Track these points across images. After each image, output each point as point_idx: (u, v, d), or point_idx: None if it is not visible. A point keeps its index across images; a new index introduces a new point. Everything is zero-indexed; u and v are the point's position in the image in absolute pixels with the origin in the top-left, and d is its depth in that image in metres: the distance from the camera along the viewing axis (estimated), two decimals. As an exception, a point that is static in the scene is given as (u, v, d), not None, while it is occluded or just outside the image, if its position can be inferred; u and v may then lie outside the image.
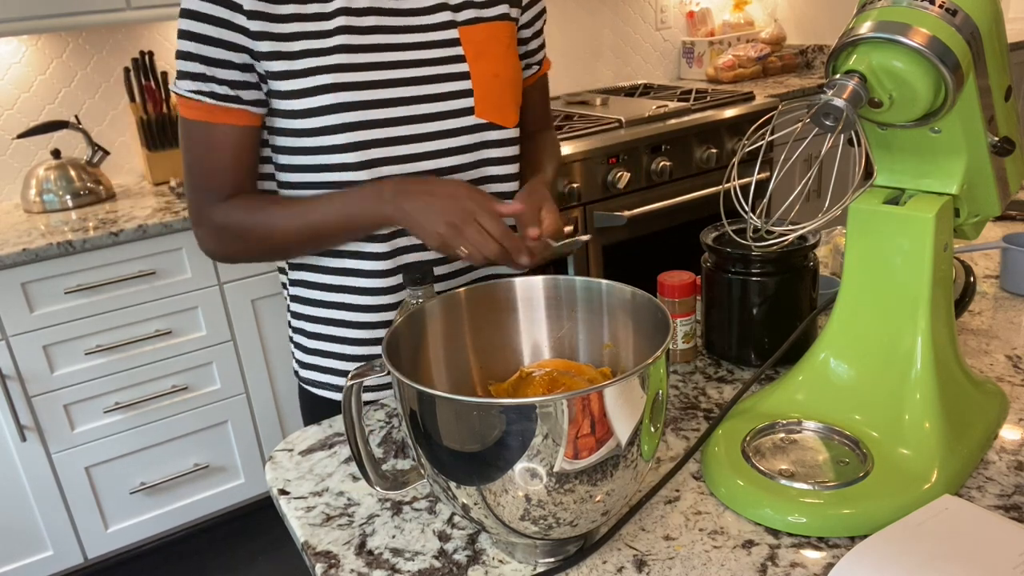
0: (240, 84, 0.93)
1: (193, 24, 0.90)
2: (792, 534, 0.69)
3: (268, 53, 0.92)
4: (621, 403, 0.59)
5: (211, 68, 0.91)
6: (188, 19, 0.91)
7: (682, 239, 2.59)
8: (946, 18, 0.66)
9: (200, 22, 0.90)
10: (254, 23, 0.90)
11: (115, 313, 1.95)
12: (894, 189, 0.80)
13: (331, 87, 0.92)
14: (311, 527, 0.76)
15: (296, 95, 0.93)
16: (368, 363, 0.67)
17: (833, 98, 0.67)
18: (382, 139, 0.96)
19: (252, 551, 2.23)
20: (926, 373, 0.75)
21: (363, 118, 0.94)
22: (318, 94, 0.92)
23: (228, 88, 0.93)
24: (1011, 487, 0.73)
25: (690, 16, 3.33)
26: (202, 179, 0.97)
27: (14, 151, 2.29)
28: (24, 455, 1.93)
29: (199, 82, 0.92)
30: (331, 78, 0.92)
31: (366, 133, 0.95)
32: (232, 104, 0.93)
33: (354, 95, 0.93)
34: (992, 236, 1.29)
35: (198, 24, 0.90)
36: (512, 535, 0.64)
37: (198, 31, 0.90)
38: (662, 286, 0.98)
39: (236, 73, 0.92)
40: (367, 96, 0.94)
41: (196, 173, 0.97)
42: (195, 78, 0.92)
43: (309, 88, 0.92)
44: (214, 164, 0.96)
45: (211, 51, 0.91)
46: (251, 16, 0.90)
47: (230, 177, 0.97)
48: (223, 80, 0.92)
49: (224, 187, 0.97)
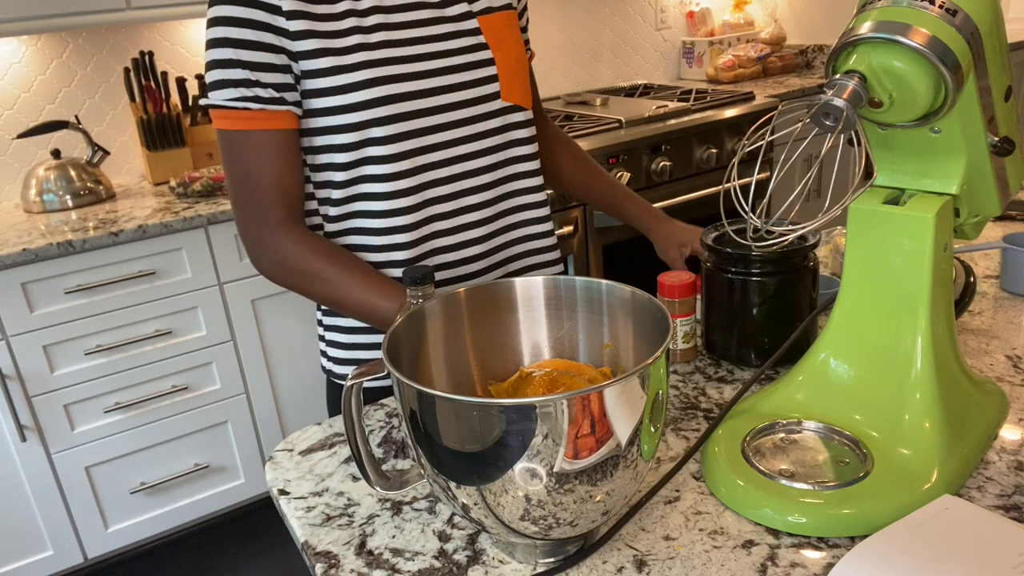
0: (283, 86, 0.93)
1: (230, 31, 0.89)
2: (792, 534, 0.69)
3: (312, 51, 0.92)
4: (621, 403, 0.59)
5: (255, 73, 0.91)
6: (223, 26, 0.90)
7: (682, 239, 2.59)
8: (946, 18, 0.66)
9: (239, 27, 0.89)
10: (294, 23, 0.90)
11: (115, 313, 1.95)
12: (894, 189, 0.80)
13: (373, 81, 0.94)
14: (311, 527, 0.76)
15: (340, 90, 0.94)
16: (368, 363, 0.67)
17: (833, 98, 0.67)
18: (419, 129, 0.98)
19: (252, 551, 2.23)
20: (926, 373, 0.75)
21: (401, 110, 0.96)
22: (361, 88, 0.94)
23: (273, 91, 0.92)
24: (1011, 487, 0.73)
25: (690, 16, 3.32)
26: (253, 193, 0.95)
27: (14, 151, 2.29)
28: (24, 455, 1.93)
29: (242, 88, 0.91)
30: (373, 72, 0.94)
31: (404, 125, 0.97)
32: (278, 107, 0.93)
33: (394, 87, 0.95)
34: (992, 236, 1.29)
35: (236, 30, 0.89)
36: (512, 535, 0.64)
37: (238, 36, 0.89)
38: (662, 286, 0.98)
39: (279, 75, 0.92)
40: (405, 88, 0.96)
41: (246, 187, 0.95)
42: (237, 85, 0.91)
43: (353, 83, 0.94)
44: (263, 174, 0.94)
45: (253, 55, 0.90)
46: (291, 16, 0.90)
47: (280, 188, 0.95)
48: (268, 84, 0.92)
49: (276, 199, 0.96)
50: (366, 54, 0.94)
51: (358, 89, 0.94)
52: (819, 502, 0.69)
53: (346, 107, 0.95)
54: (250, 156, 0.94)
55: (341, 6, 0.94)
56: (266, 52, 0.91)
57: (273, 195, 0.95)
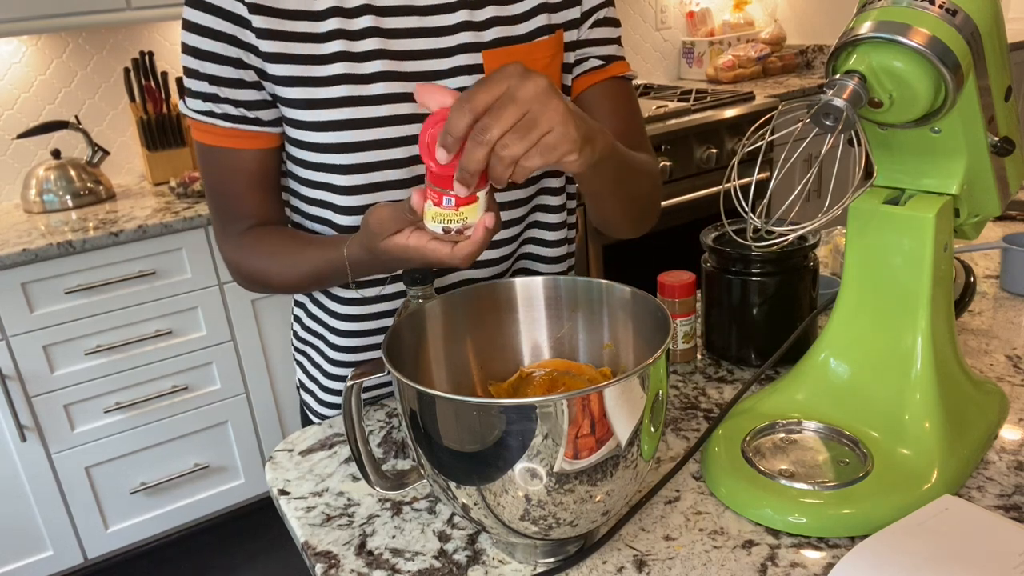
0: (256, 104, 0.84)
1: (195, 39, 0.81)
2: (792, 534, 0.69)
3: (284, 78, 0.82)
4: (621, 403, 0.59)
5: (222, 88, 0.82)
6: (189, 32, 0.81)
7: (682, 239, 2.59)
8: (946, 18, 0.66)
9: (202, 36, 0.80)
10: (266, 43, 0.81)
11: (115, 313, 1.95)
12: (894, 189, 0.80)
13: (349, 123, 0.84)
14: (311, 527, 0.76)
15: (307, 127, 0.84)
16: (368, 363, 0.67)
17: (833, 98, 0.67)
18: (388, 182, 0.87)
19: (252, 551, 2.23)
20: (926, 373, 0.75)
21: (367, 160, 0.86)
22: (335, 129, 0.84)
23: (244, 109, 0.84)
24: (1011, 487, 0.73)
25: (690, 16, 3.32)
26: (221, 204, 0.90)
27: (14, 151, 2.29)
28: (24, 455, 1.93)
29: (210, 103, 0.83)
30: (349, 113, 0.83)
31: (367, 177, 0.86)
32: (249, 127, 0.85)
33: (362, 134, 0.84)
34: (992, 236, 1.28)
35: (200, 39, 0.81)
36: (512, 535, 0.64)
37: (201, 47, 0.81)
38: (662, 286, 0.98)
39: (249, 92, 0.83)
40: (375, 135, 0.85)
41: (215, 197, 0.90)
42: (205, 99, 0.83)
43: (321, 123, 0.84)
44: (232, 190, 0.88)
45: (219, 69, 0.81)
46: (261, 35, 0.80)
47: (250, 203, 0.89)
48: (236, 100, 0.83)
49: (245, 213, 0.90)
50: (349, 88, 0.82)
51: (328, 130, 0.83)
52: (819, 502, 0.69)
53: (307, 144, 0.85)
54: (217, 171, 0.87)
55: (327, 25, 0.81)
56: (232, 67, 0.81)
57: (238, 211, 0.89)
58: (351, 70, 0.83)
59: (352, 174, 0.86)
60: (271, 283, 0.91)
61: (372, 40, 0.83)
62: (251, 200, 0.89)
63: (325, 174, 0.87)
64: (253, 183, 0.88)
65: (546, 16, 0.89)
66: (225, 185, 0.88)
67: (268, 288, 0.93)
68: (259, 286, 0.93)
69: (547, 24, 0.89)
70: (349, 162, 0.85)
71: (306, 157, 0.87)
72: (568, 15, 0.91)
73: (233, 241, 0.91)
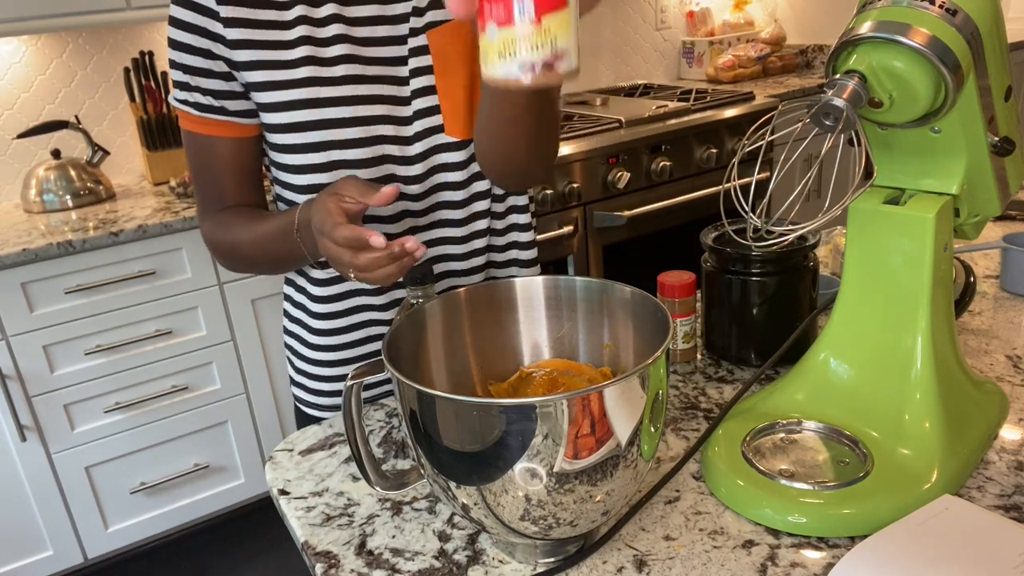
0: (224, 94, 0.90)
1: (173, 32, 0.88)
2: (792, 534, 0.69)
3: (249, 63, 0.88)
4: (621, 403, 0.59)
5: (193, 77, 0.89)
6: (170, 26, 0.89)
7: (682, 239, 2.59)
8: (946, 18, 0.66)
9: (179, 29, 0.88)
10: (232, 31, 0.87)
11: (115, 313, 1.95)
12: (894, 189, 0.80)
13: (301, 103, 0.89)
14: (311, 527, 0.76)
15: (273, 108, 0.89)
16: (368, 363, 0.67)
17: (833, 98, 0.67)
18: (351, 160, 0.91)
19: (252, 551, 2.23)
20: (926, 373, 0.75)
21: (331, 137, 0.90)
22: (292, 109, 0.89)
23: (212, 98, 0.90)
24: (1011, 487, 0.73)
25: (690, 16, 3.32)
26: (200, 186, 0.96)
27: (14, 151, 2.29)
28: (24, 455, 1.93)
29: (184, 92, 0.91)
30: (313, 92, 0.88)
31: (333, 154, 0.90)
32: (217, 116, 0.91)
33: (322, 112, 0.89)
34: (992, 236, 1.29)
35: (177, 32, 0.88)
36: (512, 535, 0.64)
37: (177, 38, 0.88)
38: (662, 286, 0.98)
39: (217, 82, 0.89)
40: (334, 114, 0.89)
41: (196, 179, 0.97)
42: (181, 87, 0.91)
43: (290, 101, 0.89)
44: (210, 175, 0.95)
45: (191, 59, 0.89)
46: (228, 23, 0.86)
47: (227, 188, 0.95)
48: (205, 90, 0.90)
49: (223, 197, 0.96)
50: (312, 69, 0.87)
51: (291, 109, 0.88)
52: (819, 502, 0.69)
53: (276, 127, 0.90)
54: (196, 155, 0.94)
55: (292, 13, 0.87)
56: (202, 57, 0.88)
57: (216, 194, 0.95)
58: (315, 53, 0.88)
59: (315, 152, 0.91)
60: (240, 253, 0.95)
61: (335, 26, 0.88)
62: (228, 184, 0.95)
63: (299, 155, 0.91)
64: (228, 169, 0.94)
65: None
66: (203, 168, 0.95)
67: (240, 261, 0.97)
68: (234, 260, 0.98)
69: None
70: (313, 140, 0.90)
71: (278, 140, 0.92)
72: None
73: (211, 219, 0.97)
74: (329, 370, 1.04)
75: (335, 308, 1.00)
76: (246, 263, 0.96)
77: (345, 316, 1.01)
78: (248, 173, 0.96)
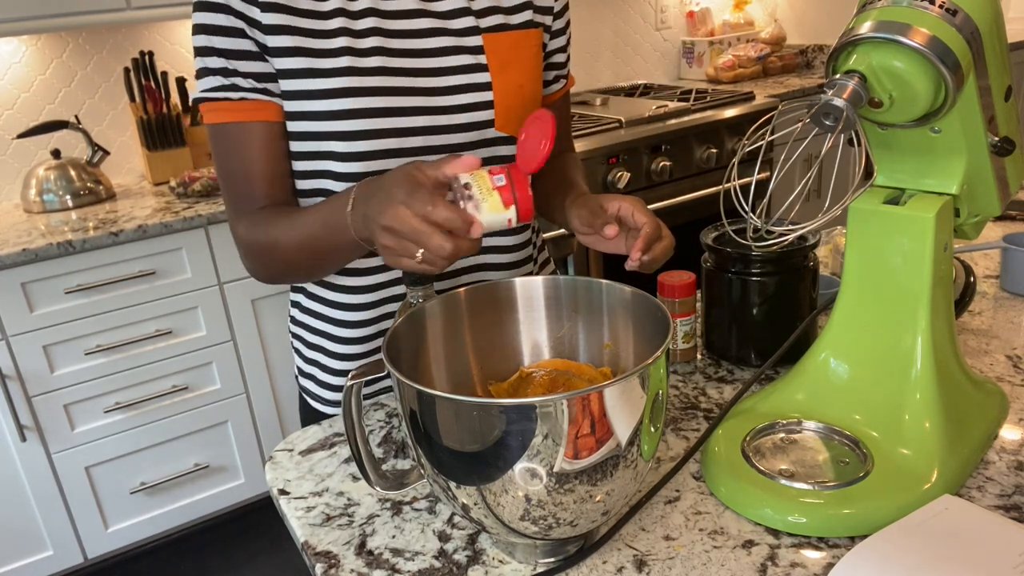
0: (265, 76, 0.87)
1: (207, 16, 0.85)
2: (792, 534, 0.69)
3: (286, 49, 0.86)
4: (621, 403, 0.59)
5: (232, 61, 0.86)
6: (200, 11, 0.86)
7: (682, 239, 2.59)
8: (946, 18, 0.66)
9: (212, 12, 0.85)
10: (269, 15, 0.85)
11: (115, 313, 1.95)
12: (894, 189, 0.80)
13: (349, 91, 0.88)
14: (311, 527, 0.76)
15: (310, 95, 0.88)
16: (368, 363, 0.67)
17: (833, 98, 0.67)
18: (388, 150, 0.91)
19: (252, 551, 2.23)
20: (926, 373, 0.75)
21: (372, 126, 0.89)
22: (334, 97, 0.88)
23: (254, 80, 0.87)
24: (1011, 487, 0.73)
25: (690, 16, 3.32)
26: (234, 186, 0.92)
27: (14, 151, 2.29)
28: (24, 455, 1.93)
29: (220, 77, 0.87)
30: (352, 81, 0.88)
31: (370, 144, 0.90)
32: (260, 96, 0.88)
33: (369, 101, 0.88)
34: (992, 236, 1.29)
35: (210, 15, 0.85)
36: (512, 535, 0.64)
37: (211, 22, 0.85)
38: (662, 286, 0.98)
39: (258, 64, 0.87)
40: (381, 103, 0.89)
41: (228, 180, 0.92)
42: (215, 73, 0.87)
43: (326, 90, 0.88)
44: (242, 169, 0.90)
45: (228, 42, 0.85)
46: (266, 8, 0.85)
47: (259, 183, 0.91)
48: (246, 72, 0.87)
49: (255, 196, 0.91)
50: (351, 59, 0.87)
51: (330, 97, 0.87)
52: (819, 502, 0.69)
53: (310, 114, 0.88)
54: (231, 150, 0.90)
55: (329, 4, 0.88)
56: (241, 39, 0.86)
57: (252, 191, 0.91)
58: (352, 44, 0.88)
59: (353, 140, 0.90)
60: (278, 250, 0.90)
61: (370, 19, 0.89)
62: (263, 180, 0.91)
63: (325, 142, 0.90)
64: (262, 158, 0.90)
65: (531, 12, 0.98)
66: (238, 164, 0.91)
67: (276, 262, 0.91)
68: (270, 262, 0.92)
69: (532, 20, 0.98)
70: (350, 128, 0.89)
71: (303, 128, 0.90)
72: (546, 19, 1.01)
73: (246, 220, 0.92)
74: (348, 364, 1.03)
75: (363, 300, 1.00)
76: (283, 264, 0.91)
77: (374, 308, 1.00)
78: (283, 166, 0.93)
